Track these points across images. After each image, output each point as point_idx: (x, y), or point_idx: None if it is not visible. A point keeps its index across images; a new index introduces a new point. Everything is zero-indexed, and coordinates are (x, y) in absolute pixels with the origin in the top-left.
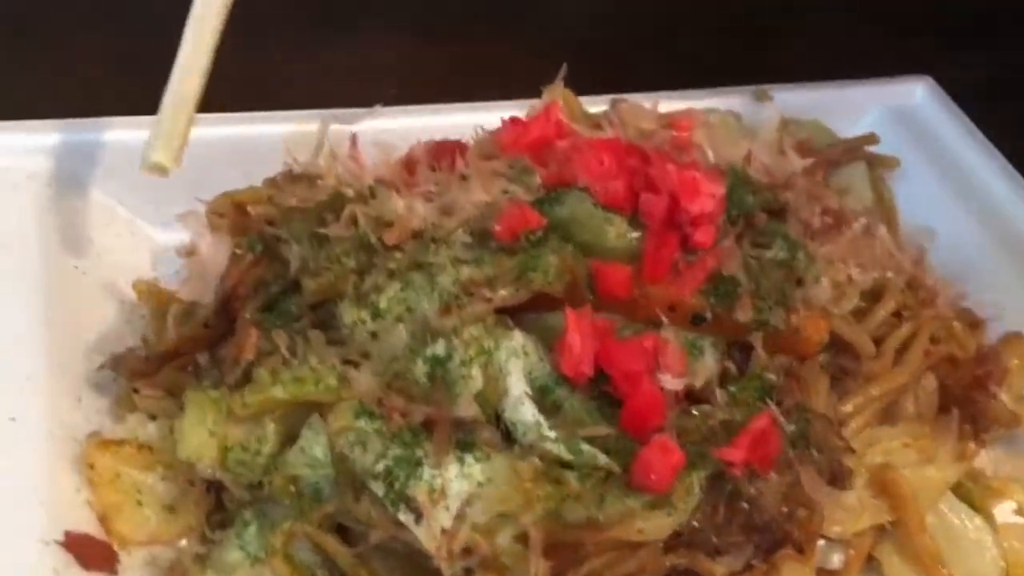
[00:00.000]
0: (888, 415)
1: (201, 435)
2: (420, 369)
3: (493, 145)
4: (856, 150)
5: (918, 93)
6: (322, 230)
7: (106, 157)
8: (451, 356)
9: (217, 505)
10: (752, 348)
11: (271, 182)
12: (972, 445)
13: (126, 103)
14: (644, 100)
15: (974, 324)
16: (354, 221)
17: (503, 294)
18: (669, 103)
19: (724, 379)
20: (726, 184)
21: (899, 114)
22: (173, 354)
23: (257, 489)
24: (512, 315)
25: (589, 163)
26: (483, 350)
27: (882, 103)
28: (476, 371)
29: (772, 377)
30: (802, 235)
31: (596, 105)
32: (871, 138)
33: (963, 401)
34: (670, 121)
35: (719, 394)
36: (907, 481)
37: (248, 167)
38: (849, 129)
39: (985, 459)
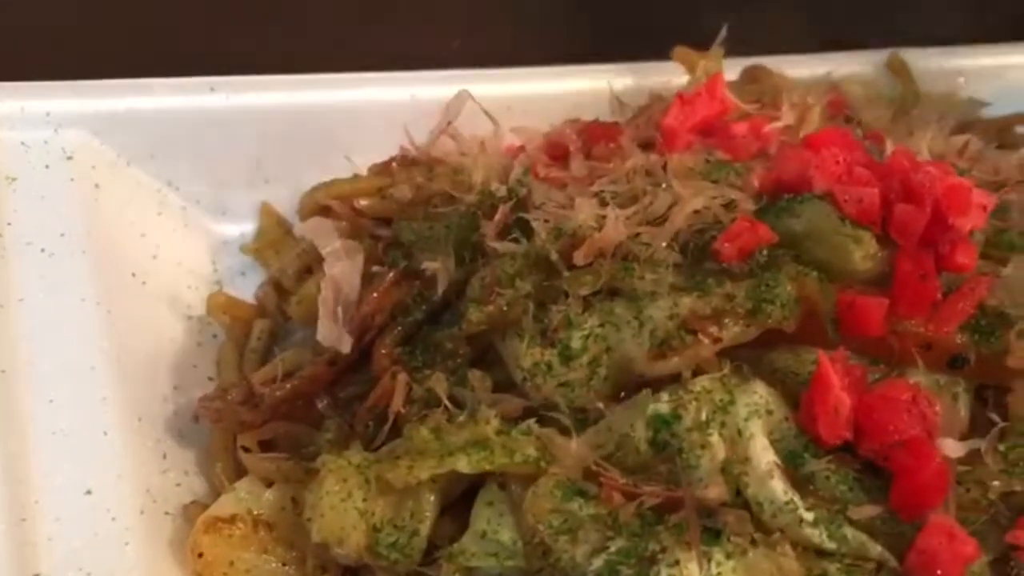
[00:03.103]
0: None
1: (345, 513)
2: (640, 433)
3: (649, 127)
4: (1007, 131)
5: None
6: (499, 244)
7: (153, 129)
8: (680, 416)
9: None
10: (1006, 391)
11: (382, 169)
12: None
13: (175, 61)
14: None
15: None
16: (502, 228)
17: (733, 332)
18: (789, 70)
19: (983, 434)
20: None
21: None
22: (292, 399)
23: None
24: (730, 354)
25: (824, 163)
26: (718, 407)
27: (1003, 71)
28: (716, 437)
29: None
30: None
31: None
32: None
33: None
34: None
35: (991, 456)
36: None
37: (322, 143)
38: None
39: None
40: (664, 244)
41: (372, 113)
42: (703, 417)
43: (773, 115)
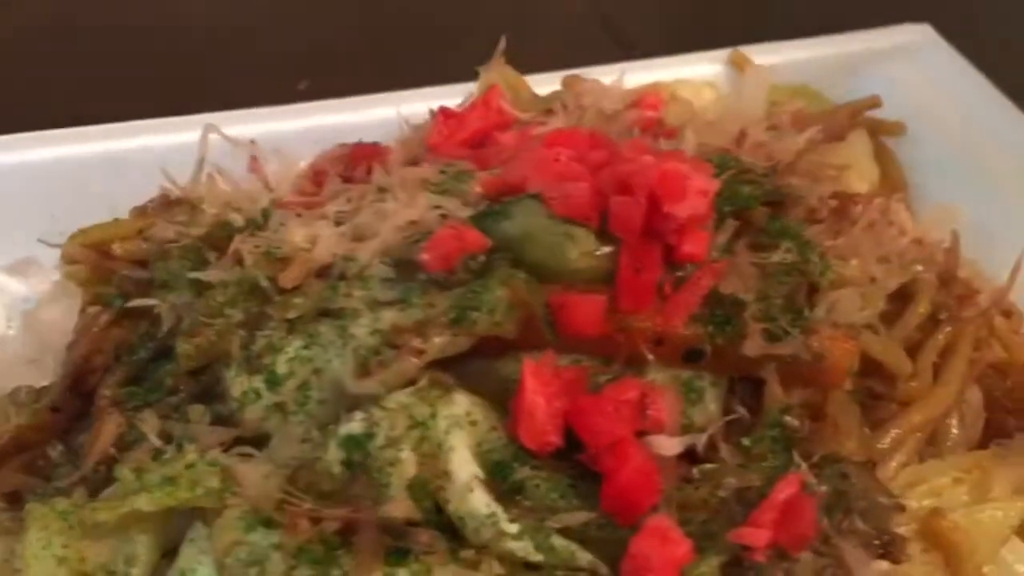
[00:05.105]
0: (926, 444)
1: (47, 560)
2: (333, 455)
3: (421, 145)
4: (856, 117)
5: (917, 43)
6: (196, 273)
7: None
8: (373, 435)
9: None
10: (763, 383)
11: (141, 211)
12: None
13: None
14: (603, 74)
15: (1006, 312)
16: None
17: (438, 343)
18: (629, 76)
19: (732, 428)
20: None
21: (896, 70)
22: (13, 450)
23: None
24: (453, 366)
25: (542, 161)
26: (416, 422)
27: (874, 58)
28: (407, 453)
29: (793, 422)
30: (815, 228)
31: (547, 84)
32: (872, 101)
33: (1014, 414)
34: (635, 99)
35: (726, 450)
36: (961, 528)
37: (114, 193)
38: (836, 93)
39: None
40: (378, 260)
41: (168, 157)
42: (396, 433)
43: (540, 121)
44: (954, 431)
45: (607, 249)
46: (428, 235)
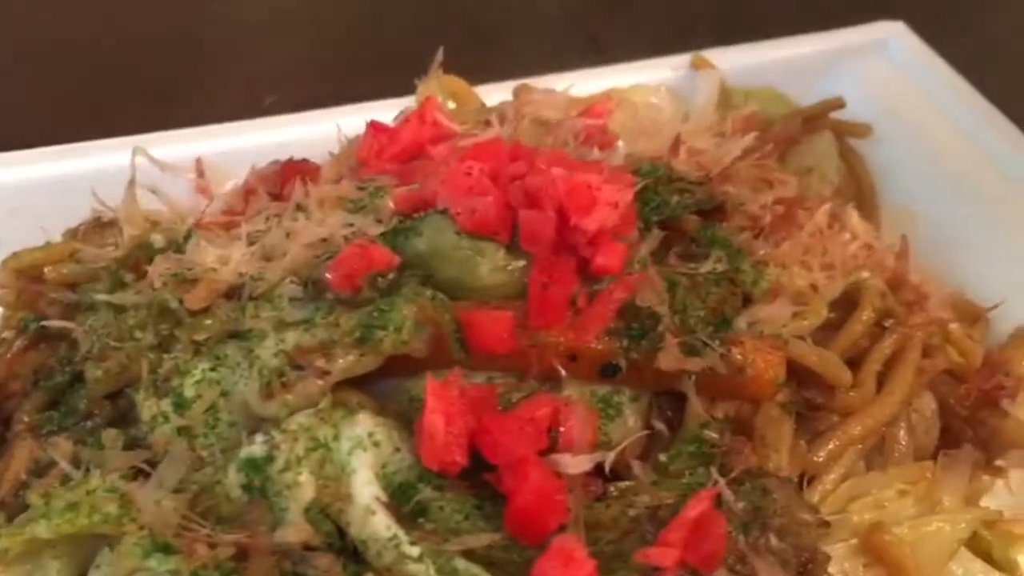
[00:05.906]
0: (876, 454)
1: None
2: (232, 479)
3: (353, 160)
4: (819, 119)
5: (890, 41)
6: (104, 296)
7: None
8: (273, 457)
9: None
10: (679, 396)
11: (73, 234)
12: (985, 477)
13: None
14: (560, 81)
15: (972, 317)
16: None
17: (342, 364)
18: (591, 82)
19: (653, 444)
20: (640, 183)
21: (868, 69)
22: None
23: None
24: (363, 386)
25: (452, 176)
26: (318, 444)
27: (847, 57)
28: (305, 475)
29: (713, 435)
30: (749, 235)
31: (500, 93)
32: (835, 102)
33: (970, 423)
34: (586, 107)
35: (638, 467)
36: (906, 543)
37: (64, 214)
38: (808, 94)
39: (1000, 491)
40: (288, 280)
41: (113, 179)
42: (295, 456)
43: (473, 134)
44: (903, 443)
45: (519, 264)
46: (337, 253)
